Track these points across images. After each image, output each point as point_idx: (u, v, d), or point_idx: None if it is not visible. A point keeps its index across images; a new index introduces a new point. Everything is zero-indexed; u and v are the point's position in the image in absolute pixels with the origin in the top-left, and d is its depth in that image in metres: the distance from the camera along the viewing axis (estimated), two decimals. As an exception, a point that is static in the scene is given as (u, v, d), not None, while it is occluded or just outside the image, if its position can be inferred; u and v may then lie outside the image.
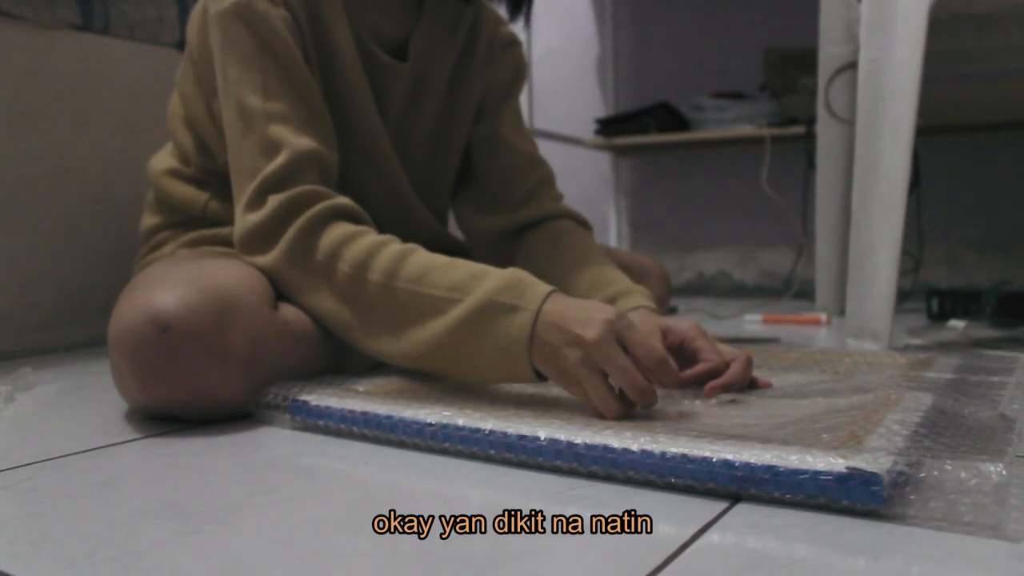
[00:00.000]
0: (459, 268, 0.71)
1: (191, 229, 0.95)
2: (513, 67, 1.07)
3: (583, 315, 0.64)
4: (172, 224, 0.97)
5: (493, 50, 1.04)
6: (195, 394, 0.68)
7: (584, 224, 1.05)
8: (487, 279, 0.69)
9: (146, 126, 1.31)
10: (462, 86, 1.03)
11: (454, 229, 1.13)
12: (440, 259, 0.73)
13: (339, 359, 0.82)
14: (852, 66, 1.21)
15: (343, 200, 0.79)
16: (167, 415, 0.70)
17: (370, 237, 0.76)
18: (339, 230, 0.76)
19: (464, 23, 1.01)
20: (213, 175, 0.94)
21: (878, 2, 1.00)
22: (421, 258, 0.73)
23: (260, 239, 0.77)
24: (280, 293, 0.78)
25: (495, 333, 0.67)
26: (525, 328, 0.66)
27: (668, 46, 2.32)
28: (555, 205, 1.04)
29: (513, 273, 0.70)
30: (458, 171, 1.09)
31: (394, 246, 0.75)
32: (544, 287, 0.68)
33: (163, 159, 0.99)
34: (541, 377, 0.68)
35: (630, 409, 0.64)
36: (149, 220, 0.99)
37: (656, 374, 0.64)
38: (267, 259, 0.77)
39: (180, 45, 1.35)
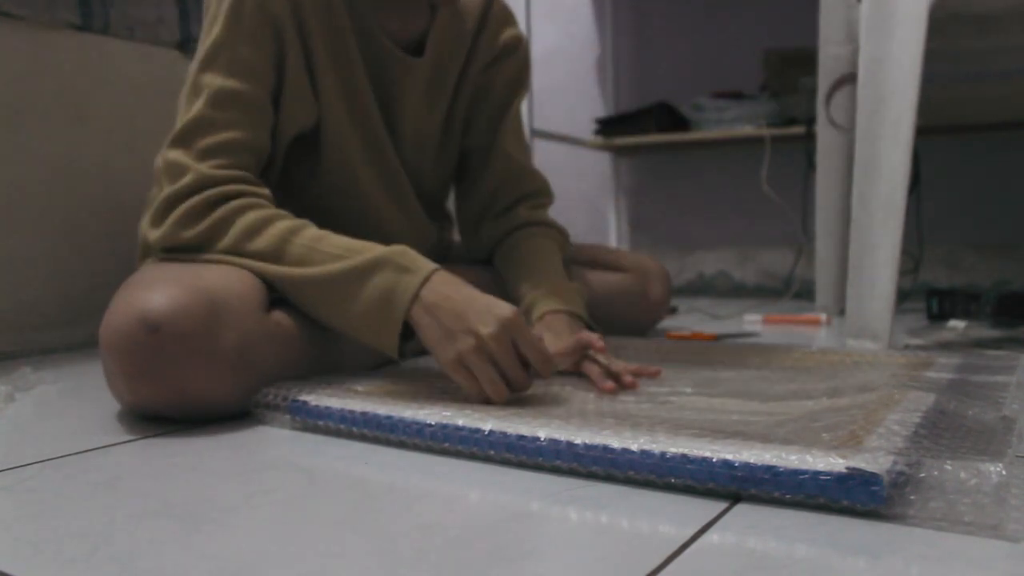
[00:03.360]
0: (355, 241, 0.77)
1: None
2: (516, 71, 1.07)
3: (484, 308, 0.70)
4: None
5: (496, 52, 1.05)
6: (183, 394, 0.67)
7: (549, 227, 1.07)
8: (379, 247, 0.75)
9: (146, 126, 1.31)
10: (466, 84, 1.04)
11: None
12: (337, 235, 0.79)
13: (334, 361, 0.81)
14: (852, 78, 1.21)
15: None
16: (158, 415, 0.70)
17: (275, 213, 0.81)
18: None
19: (471, 22, 1.02)
20: None
21: (878, 2, 1.00)
22: (318, 231, 0.78)
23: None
24: (273, 296, 0.78)
25: (381, 283, 0.72)
26: (411, 287, 0.72)
27: (668, 46, 2.32)
28: (529, 214, 1.06)
29: (404, 248, 0.76)
30: (456, 174, 1.10)
31: (294, 220, 0.79)
32: (430, 264, 0.74)
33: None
34: (400, 348, 0.73)
35: (508, 395, 0.70)
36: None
37: (539, 368, 0.71)
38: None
39: (180, 45, 1.35)
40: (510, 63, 1.06)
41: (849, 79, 1.39)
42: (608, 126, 2.16)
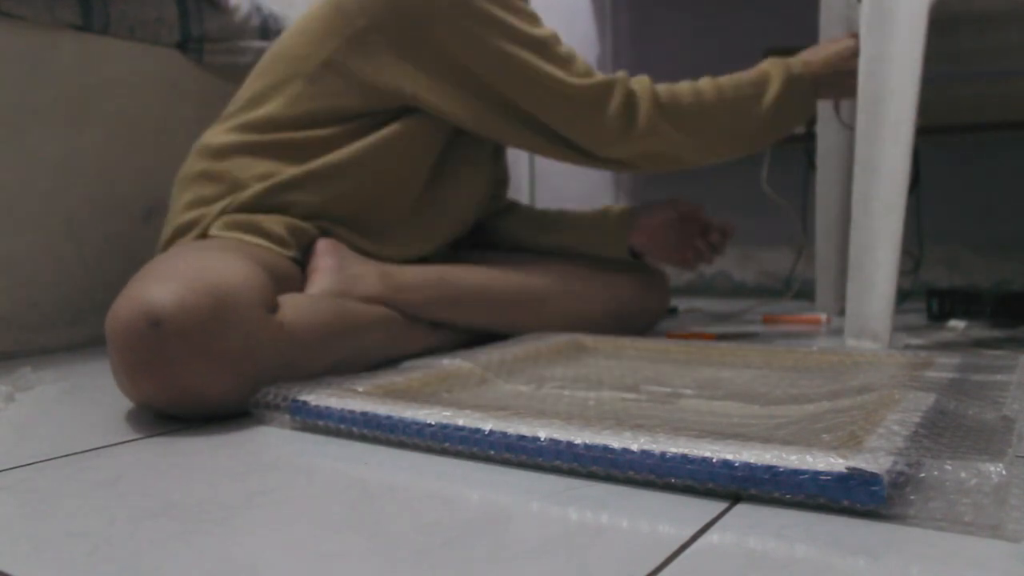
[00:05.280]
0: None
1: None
2: None
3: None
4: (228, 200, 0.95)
5: None
6: (184, 391, 0.67)
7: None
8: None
9: (146, 126, 1.31)
10: None
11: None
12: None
13: (335, 362, 0.81)
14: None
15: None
16: (159, 411, 0.70)
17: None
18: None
19: None
20: (291, 148, 0.97)
21: (878, 2, 1.00)
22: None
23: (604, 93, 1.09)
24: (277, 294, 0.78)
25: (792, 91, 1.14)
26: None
27: (668, 46, 2.32)
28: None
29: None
30: None
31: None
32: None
33: (220, 135, 0.99)
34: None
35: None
36: (188, 214, 0.97)
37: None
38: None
39: (180, 45, 1.35)
40: None
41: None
42: (608, 126, 2.16)
